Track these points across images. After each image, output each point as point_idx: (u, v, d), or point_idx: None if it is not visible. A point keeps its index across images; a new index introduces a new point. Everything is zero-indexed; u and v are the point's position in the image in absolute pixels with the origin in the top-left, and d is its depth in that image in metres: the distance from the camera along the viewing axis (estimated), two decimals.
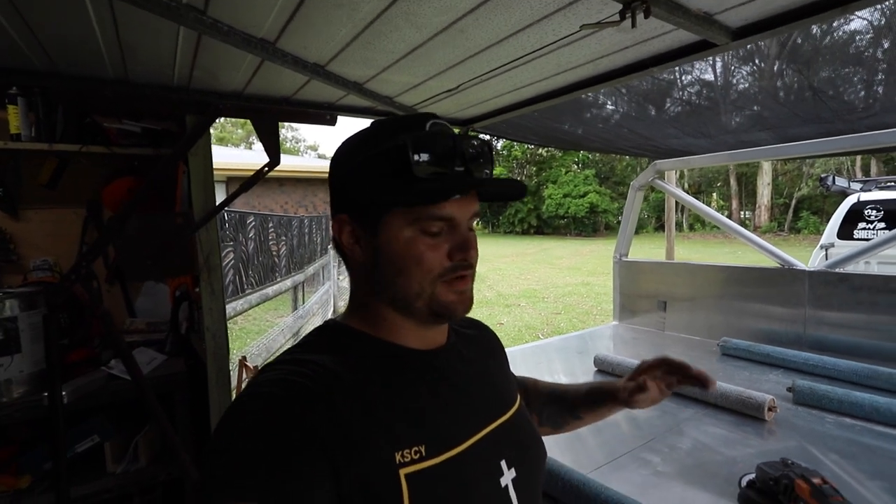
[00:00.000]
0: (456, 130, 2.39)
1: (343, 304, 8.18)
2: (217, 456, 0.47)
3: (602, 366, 1.79)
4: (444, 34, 1.19)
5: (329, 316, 6.81)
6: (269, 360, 0.58)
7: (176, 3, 1.00)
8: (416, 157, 0.55)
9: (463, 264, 0.58)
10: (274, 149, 1.83)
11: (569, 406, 0.85)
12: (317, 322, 6.15)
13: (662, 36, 1.24)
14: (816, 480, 0.83)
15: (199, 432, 1.91)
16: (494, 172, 0.64)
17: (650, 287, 2.45)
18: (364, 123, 0.65)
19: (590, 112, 2.12)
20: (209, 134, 1.73)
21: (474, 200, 0.61)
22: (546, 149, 27.33)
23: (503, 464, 0.60)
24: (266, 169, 1.81)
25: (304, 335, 0.64)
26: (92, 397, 1.67)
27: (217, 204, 1.76)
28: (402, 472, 0.50)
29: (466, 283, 0.60)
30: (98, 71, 1.42)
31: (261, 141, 1.83)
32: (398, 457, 0.50)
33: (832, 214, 4.25)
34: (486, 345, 0.76)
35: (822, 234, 4.35)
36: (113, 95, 1.50)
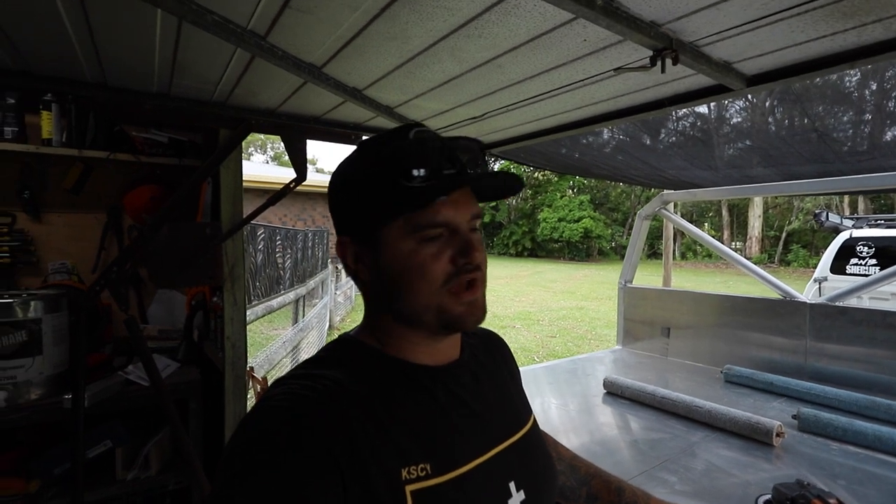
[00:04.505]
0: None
1: (339, 319, 8.17)
2: (228, 467, 0.47)
3: (612, 388, 1.83)
4: (482, 68, 1.27)
5: (325, 330, 6.78)
6: (281, 375, 0.58)
7: (241, 28, 1.07)
8: (400, 166, 0.55)
9: (467, 267, 0.56)
10: (302, 165, 1.90)
11: (590, 495, 0.82)
12: (314, 336, 6.15)
13: (683, 79, 1.34)
14: (832, 501, 0.88)
15: (211, 441, 1.92)
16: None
17: (654, 313, 2.52)
18: None
19: (586, 139, 2.20)
20: (240, 148, 1.79)
21: (472, 202, 0.59)
22: (542, 173, 27.72)
23: (512, 485, 0.59)
24: (293, 184, 1.88)
25: (317, 349, 0.64)
26: (109, 402, 1.68)
27: (245, 216, 1.81)
28: (409, 488, 0.50)
29: (475, 291, 0.57)
30: (144, 85, 1.48)
31: (289, 156, 1.90)
32: (405, 473, 0.50)
33: (821, 249, 4.40)
34: (498, 357, 0.75)
35: (811, 268, 4.48)
36: (153, 109, 1.55)
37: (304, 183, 1.85)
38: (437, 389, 0.59)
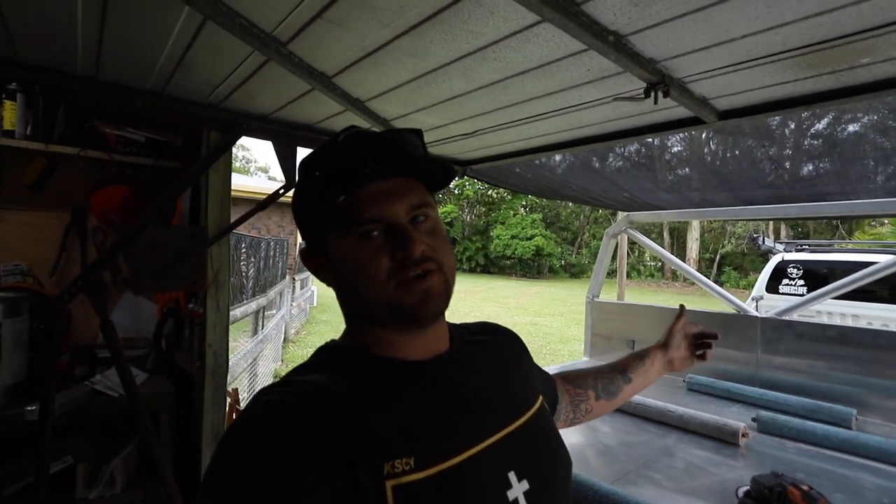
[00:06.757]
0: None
1: (294, 332, 7.91)
2: (215, 478, 0.48)
3: None
4: (488, 88, 1.35)
5: (281, 343, 6.54)
6: (267, 384, 0.59)
7: (264, 33, 1.08)
8: (316, 174, 0.59)
9: (407, 261, 0.56)
10: (290, 172, 1.89)
11: (619, 369, 0.97)
12: (270, 349, 5.92)
13: (664, 110, 1.47)
14: (805, 487, 0.99)
15: (182, 454, 1.82)
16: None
17: (619, 327, 2.67)
18: None
19: (539, 160, 2.32)
20: (230, 152, 1.76)
21: (409, 192, 0.59)
22: (496, 191, 28.39)
23: (512, 475, 0.57)
24: (282, 191, 1.87)
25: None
26: (74, 414, 1.56)
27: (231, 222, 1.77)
28: (389, 483, 0.49)
29: (427, 280, 0.57)
30: (138, 82, 1.44)
31: (279, 163, 1.89)
32: (386, 468, 0.50)
33: (750, 271, 4.84)
34: (500, 349, 0.74)
35: (741, 289, 4.88)
36: (144, 107, 1.51)
37: (255, 191, 1.82)
38: (424, 382, 0.59)
